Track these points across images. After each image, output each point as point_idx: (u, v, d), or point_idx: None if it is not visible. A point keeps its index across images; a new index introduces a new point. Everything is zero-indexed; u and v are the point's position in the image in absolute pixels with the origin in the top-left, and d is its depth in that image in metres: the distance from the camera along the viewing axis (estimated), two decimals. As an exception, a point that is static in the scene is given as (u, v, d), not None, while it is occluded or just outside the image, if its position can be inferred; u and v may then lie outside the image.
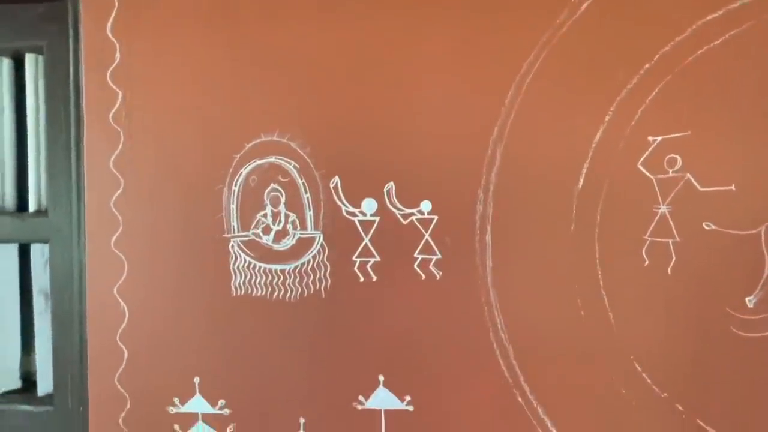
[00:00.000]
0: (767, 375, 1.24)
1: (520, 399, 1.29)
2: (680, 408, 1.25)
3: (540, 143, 1.25)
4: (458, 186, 1.26)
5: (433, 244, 1.27)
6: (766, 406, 1.25)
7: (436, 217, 1.27)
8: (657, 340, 1.25)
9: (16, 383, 1.55)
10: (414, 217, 1.28)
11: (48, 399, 1.50)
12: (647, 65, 1.20)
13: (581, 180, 1.24)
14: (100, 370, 1.41)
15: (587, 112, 1.22)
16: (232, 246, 1.33)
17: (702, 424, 1.26)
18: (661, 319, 1.24)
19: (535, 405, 1.29)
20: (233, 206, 1.32)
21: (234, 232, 1.33)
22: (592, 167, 1.23)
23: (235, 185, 1.31)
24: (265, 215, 1.30)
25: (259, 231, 1.30)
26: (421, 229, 1.28)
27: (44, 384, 1.52)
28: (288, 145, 1.29)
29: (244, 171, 1.30)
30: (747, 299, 1.23)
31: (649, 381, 1.26)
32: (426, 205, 1.27)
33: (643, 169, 1.22)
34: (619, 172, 1.23)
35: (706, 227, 1.22)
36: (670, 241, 1.22)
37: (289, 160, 1.28)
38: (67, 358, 1.46)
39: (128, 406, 1.40)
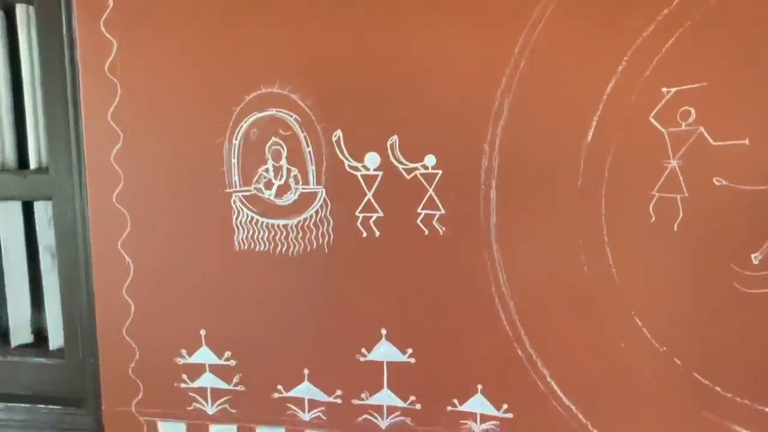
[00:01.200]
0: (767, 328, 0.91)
1: (520, 352, 0.97)
2: (678, 362, 0.94)
3: (549, 95, 0.89)
4: (463, 140, 0.91)
5: (436, 200, 0.93)
6: (765, 361, 0.92)
7: (440, 172, 0.92)
8: (659, 295, 0.93)
9: (28, 337, 1.22)
10: (418, 172, 0.93)
11: (59, 352, 1.19)
12: (666, 10, 0.84)
13: (590, 133, 0.89)
14: (108, 323, 1.08)
15: (600, 61, 0.87)
16: (234, 201, 0.98)
17: (699, 378, 0.95)
18: (664, 274, 0.92)
19: (534, 358, 0.97)
20: (234, 160, 0.96)
21: (236, 187, 0.97)
22: (602, 120, 0.88)
23: (236, 139, 0.95)
24: (266, 170, 0.95)
25: (261, 186, 0.95)
26: (425, 183, 0.93)
27: (56, 339, 1.20)
28: (289, 97, 0.93)
29: (245, 124, 0.94)
30: (753, 256, 0.91)
31: (648, 335, 0.94)
32: (430, 160, 0.92)
33: (655, 122, 0.87)
34: (630, 126, 0.88)
35: (716, 183, 0.88)
36: (679, 196, 0.89)
37: (290, 112, 0.92)
38: (75, 312, 1.13)
39: (137, 357, 1.07)
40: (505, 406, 1.03)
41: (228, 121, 0.99)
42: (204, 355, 1.08)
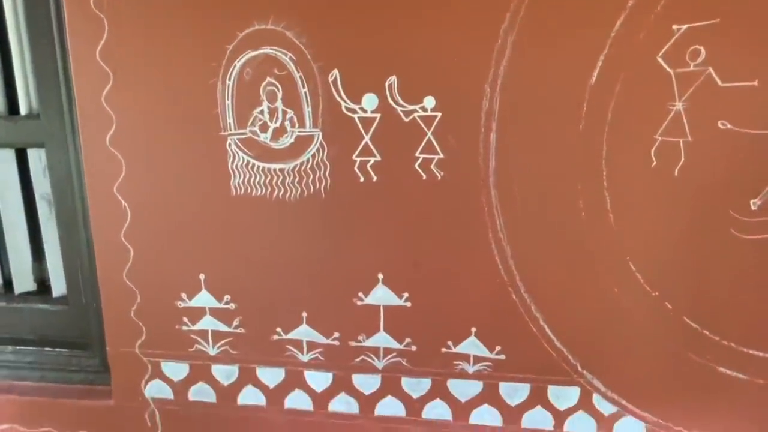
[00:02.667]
0: (762, 276, 0.72)
1: (514, 296, 0.80)
2: (669, 306, 0.79)
3: (555, 32, 0.68)
4: (464, 80, 0.70)
5: (435, 143, 0.72)
6: (756, 305, 0.74)
7: (439, 114, 0.71)
8: (655, 241, 0.76)
9: (30, 285, 1.04)
10: (416, 114, 0.72)
11: (63, 299, 1.00)
12: (683, -61, 0.63)
13: (595, 74, 0.68)
14: (108, 267, 0.88)
15: None
16: (230, 144, 0.76)
17: (688, 322, 0.81)
18: (662, 220, 0.75)
19: (528, 302, 0.79)
20: (228, 102, 0.74)
21: (230, 130, 0.76)
22: (608, 59, 0.68)
23: (229, 79, 0.73)
24: (261, 112, 0.73)
25: (256, 128, 0.74)
26: (424, 127, 0.72)
27: (58, 286, 1.02)
28: (283, 35, 0.71)
29: (238, 63, 0.72)
30: (751, 201, 0.74)
31: (641, 280, 0.78)
32: (429, 101, 0.71)
33: (663, 62, 0.67)
34: (637, 65, 0.68)
35: (721, 126, 0.70)
36: (681, 140, 0.70)
37: (284, 51, 0.70)
38: (76, 259, 0.95)
39: (138, 301, 0.88)
40: (498, 348, 0.85)
41: (221, 60, 0.77)
42: (204, 299, 0.90)
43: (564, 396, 0.92)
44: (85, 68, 0.86)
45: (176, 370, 1.01)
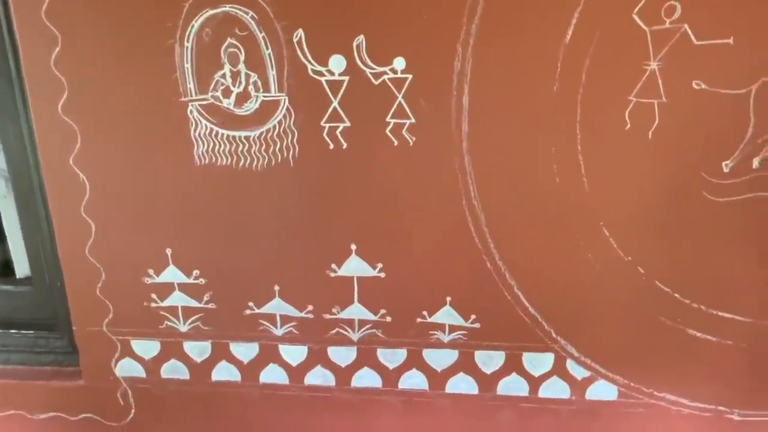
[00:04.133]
0: (732, 238, 0.70)
1: (488, 265, 0.76)
2: (641, 270, 0.77)
3: None
4: (435, 40, 0.65)
5: (406, 107, 0.67)
6: (725, 268, 0.72)
7: (410, 77, 0.66)
8: (628, 205, 0.73)
9: None
10: (386, 77, 0.66)
11: (27, 280, 0.96)
12: None
13: (570, 32, 0.64)
14: (69, 244, 0.82)
15: None
16: (191, 111, 0.70)
17: (660, 285, 0.79)
18: (635, 184, 0.72)
19: (503, 270, 0.76)
20: (188, 65, 0.68)
21: (191, 96, 0.69)
22: (583, 16, 0.63)
23: (188, 40, 0.66)
24: (223, 76, 0.67)
25: (219, 94, 0.67)
26: (394, 90, 0.67)
27: (21, 267, 0.96)
28: None
29: (196, 23, 0.65)
30: (724, 163, 0.71)
31: (615, 245, 0.76)
32: (399, 63, 0.65)
33: (638, 19, 0.63)
34: (612, 23, 0.63)
35: (695, 86, 0.66)
36: (656, 102, 0.67)
37: (245, 9, 0.63)
38: (37, 237, 0.89)
39: (103, 278, 0.82)
40: (473, 317, 0.82)
41: (177, 19, 0.70)
42: (172, 274, 0.84)
43: (538, 362, 0.90)
44: (30, 29, 0.78)
45: (147, 347, 0.95)
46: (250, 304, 0.91)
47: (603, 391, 0.90)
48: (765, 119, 0.74)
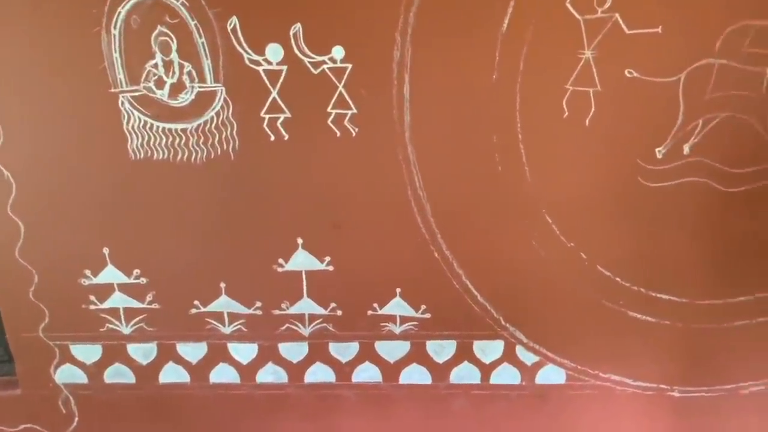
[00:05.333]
0: (667, 222, 0.72)
1: (436, 254, 0.75)
2: (583, 256, 0.78)
3: None
4: (373, 29, 0.63)
5: (347, 97, 0.65)
6: (662, 251, 0.74)
7: (349, 66, 0.64)
8: (569, 192, 0.74)
9: None
10: (326, 66, 0.64)
11: None
12: None
13: (506, 21, 0.63)
14: (-4, 245, 0.74)
15: None
16: (122, 103, 0.66)
17: (602, 270, 0.81)
18: (575, 171, 0.73)
19: (450, 259, 0.75)
20: (116, 55, 0.63)
21: (122, 86, 0.64)
22: (518, 6, 0.64)
23: (114, 28, 0.62)
24: (155, 65, 0.63)
25: (151, 84, 0.63)
26: (334, 79, 0.64)
27: None
28: None
29: (122, 10, 0.61)
30: (657, 150, 0.72)
31: (558, 232, 0.76)
32: (338, 52, 0.63)
33: (572, 9, 0.63)
34: (547, 12, 0.63)
35: (628, 74, 0.67)
36: (591, 90, 0.67)
37: None
38: None
39: (36, 281, 0.77)
40: (423, 307, 0.81)
41: (102, 5, 0.66)
42: (111, 274, 0.80)
43: (489, 349, 0.90)
44: (-60, 16, 0.71)
45: (88, 352, 0.90)
46: (196, 302, 0.87)
47: (552, 374, 0.91)
48: (694, 106, 0.75)
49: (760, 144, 0.77)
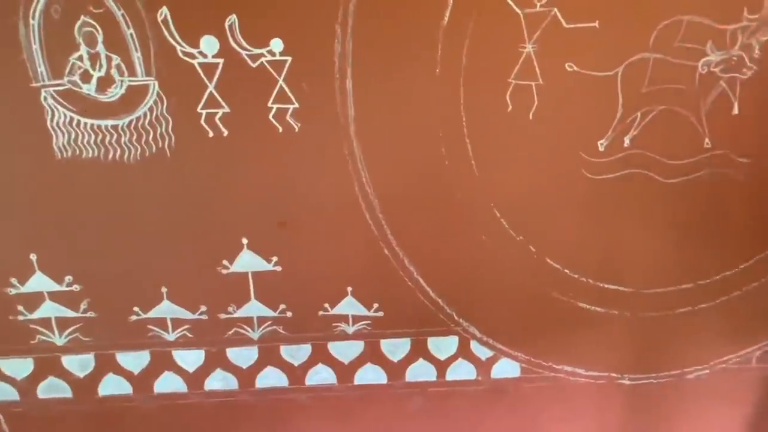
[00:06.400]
0: (611, 213, 0.73)
1: (386, 251, 0.74)
2: (532, 249, 0.79)
3: None
4: (312, 20, 0.61)
5: (288, 91, 0.63)
6: (607, 242, 0.76)
7: (289, 59, 0.62)
8: (516, 186, 0.75)
9: None
10: (264, 59, 0.62)
11: None
12: None
13: (447, 14, 0.62)
14: None
15: None
16: (45, 98, 0.61)
17: (550, 262, 0.83)
18: (520, 165, 0.74)
19: (401, 256, 0.74)
20: (36, 46, 0.59)
21: (43, 81, 0.59)
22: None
23: (33, 18, 0.58)
24: (80, 58, 0.59)
25: (76, 78, 0.59)
26: (274, 73, 0.62)
27: None
28: None
29: None
30: (599, 142, 0.73)
31: (506, 226, 0.76)
32: (277, 44, 0.61)
33: (511, 2, 0.62)
34: (487, 5, 0.63)
35: (568, 68, 0.67)
36: (534, 84, 0.68)
37: None
38: None
39: (-44, 291, 0.70)
40: (375, 306, 0.80)
41: (18, -7, 0.61)
42: (40, 282, 0.74)
43: (443, 346, 0.89)
44: None
45: (18, 366, 0.84)
46: (136, 309, 0.82)
47: (507, 368, 0.91)
48: (632, 99, 0.77)
49: (696, 136, 0.80)
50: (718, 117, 0.78)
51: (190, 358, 0.86)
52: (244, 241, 0.80)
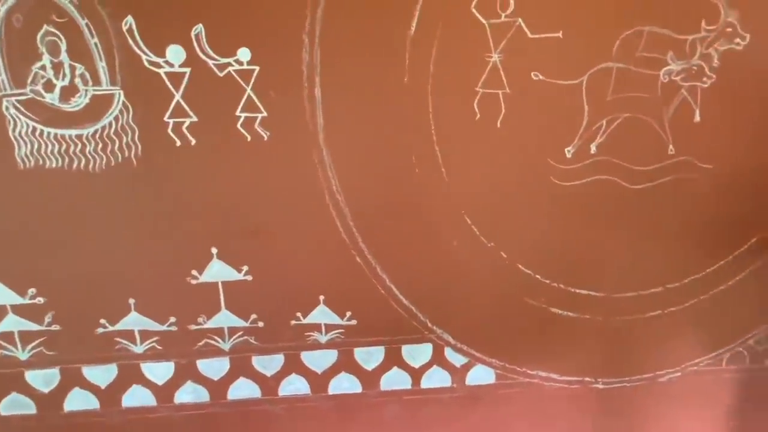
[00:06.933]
0: (580, 219, 0.75)
1: (358, 259, 0.74)
2: (504, 255, 0.80)
3: None
4: (280, 30, 0.62)
5: (256, 100, 0.63)
6: (577, 247, 0.78)
7: (257, 68, 0.62)
8: (485, 193, 0.76)
9: None
10: (231, 68, 0.62)
11: None
12: None
13: (414, 24, 0.63)
14: None
15: None
16: (7, 108, 0.62)
17: (522, 268, 0.85)
18: (490, 172, 0.75)
19: (373, 264, 0.74)
20: None
21: (5, 90, 0.59)
22: (425, 9, 0.64)
23: None
24: (43, 67, 0.58)
25: (39, 88, 0.59)
26: (241, 82, 0.62)
27: None
28: None
29: (2, 8, 0.54)
30: (566, 150, 0.75)
31: (477, 232, 0.77)
32: (244, 54, 0.61)
33: (477, 13, 0.64)
34: (453, 16, 0.64)
35: (534, 77, 0.68)
36: (501, 92, 0.69)
37: None
38: None
39: None
40: (348, 314, 0.79)
41: (-22, 2, 0.60)
42: (2, 295, 0.73)
43: (418, 353, 0.89)
44: None
45: (-21, 383, 0.82)
46: (103, 321, 0.81)
47: (481, 375, 0.91)
48: (597, 107, 0.79)
49: (659, 143, 0.82)
50: (680, 124, 0.80)
51: (160, 371, 0.85)
52: (214, 250, 0.79)
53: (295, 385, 0.89)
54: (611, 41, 0.76)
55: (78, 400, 0.84)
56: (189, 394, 0.87)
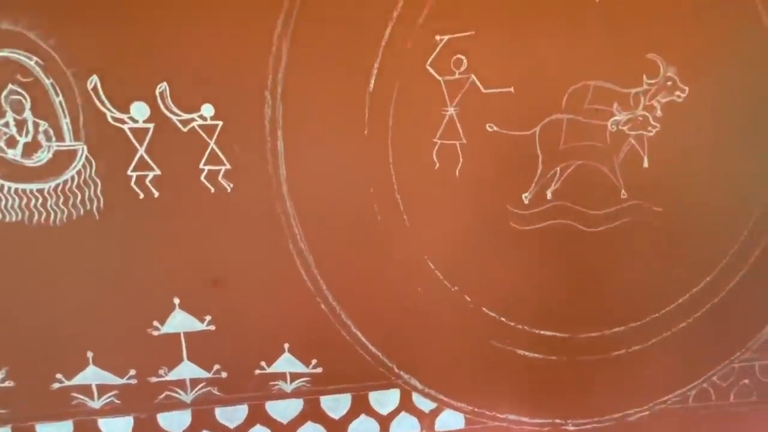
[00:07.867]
0: (541, 262, 0.78)
1: (323, 306, 0.75)
2: (468, 299, 0.82)
3: (328, 40, 0.67)
4: (243, 87, 0.65)
5: (220, 153, 0.66)
6: (540, 289, 0.80)
7: (220, 123, 0.65)
8: (447, 238, 0.79)
9: None
10: (195, 124, 0.65)
11: None
12: (433, -43, 0.65)
13: (372, 81, 0.67)
14: None
15: (375, 5, 0.64)
16: None
17: (487, 311, 0.86)
18: (451, 219, 0.78)
19: (338, 311, 0.75)
20: None
21: None
22: (382, 67, 0.69)
23: None
24: (6, 124, 0.61)
25: (1, 144, 0.59)
26: (205, 136, 0.65)
27: None
28: (24, 36, 0.60)
29: None
30: (523, 196, 0.78)
31: (441, 277, 0.80)
32: (208, 110, 0.64)
33: (432, 70, 0.70)
34: (410, 73, 0.69)
35: (489, 129, 0.73)
36: (458, 143, 0.73)
37: (28, 54, 0.59)
38: None
39: None
40: (314, 362, 0.80)
41: (-56, 64, 0.62)
42: (-47, 353, 0.71)
43: (385, 400, 0.89)
44: None
45: (-76, 445, 0.78)
46: (59, 376, 0.79)
47: (450, 420, 0.91)
48: (550, 156, 0.83)
49: (612, 188, 0.86)
50: (630, 170, 0.85)
51: (118, 426, 0.82)
52: (176, 300, 0.79)
53: (260, 437, 0.87)
54: (560, 95, 0.81)
55: (30, 461, 0.81)
56: (149, 450, 0.84)
